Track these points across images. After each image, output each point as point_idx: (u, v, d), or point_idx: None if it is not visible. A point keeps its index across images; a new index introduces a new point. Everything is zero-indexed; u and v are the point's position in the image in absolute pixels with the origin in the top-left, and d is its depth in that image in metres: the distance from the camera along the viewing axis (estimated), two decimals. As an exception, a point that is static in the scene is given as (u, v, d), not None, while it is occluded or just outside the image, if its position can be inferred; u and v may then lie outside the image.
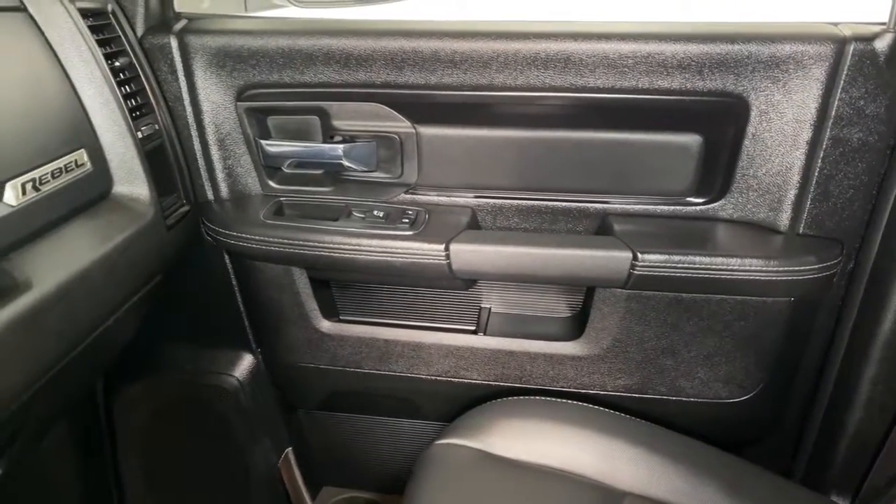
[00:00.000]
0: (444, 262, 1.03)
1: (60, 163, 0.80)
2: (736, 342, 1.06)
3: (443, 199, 1.12)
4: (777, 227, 1.02)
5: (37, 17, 0.84)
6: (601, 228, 1.08)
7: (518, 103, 1.03)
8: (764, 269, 0.97)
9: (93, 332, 0.86)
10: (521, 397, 1.11)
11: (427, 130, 1.08)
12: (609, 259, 1.00)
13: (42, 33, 0.84)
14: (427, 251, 1.03)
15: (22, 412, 0.80)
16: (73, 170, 0.82)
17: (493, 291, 1.21)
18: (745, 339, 1.05)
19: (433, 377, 1.19)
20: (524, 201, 1.10)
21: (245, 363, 1.28)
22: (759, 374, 1.08)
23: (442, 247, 1.03)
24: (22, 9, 0.83)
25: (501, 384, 1.17)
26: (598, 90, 0.97)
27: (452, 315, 1.21)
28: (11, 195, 0.71)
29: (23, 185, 0.73)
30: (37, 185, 0.75)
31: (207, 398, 1.28)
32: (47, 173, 0.77)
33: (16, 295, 0.69)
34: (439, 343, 1.16)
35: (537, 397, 1.10)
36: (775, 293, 1.00)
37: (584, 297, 1.17)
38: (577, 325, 1.16)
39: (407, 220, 1.07)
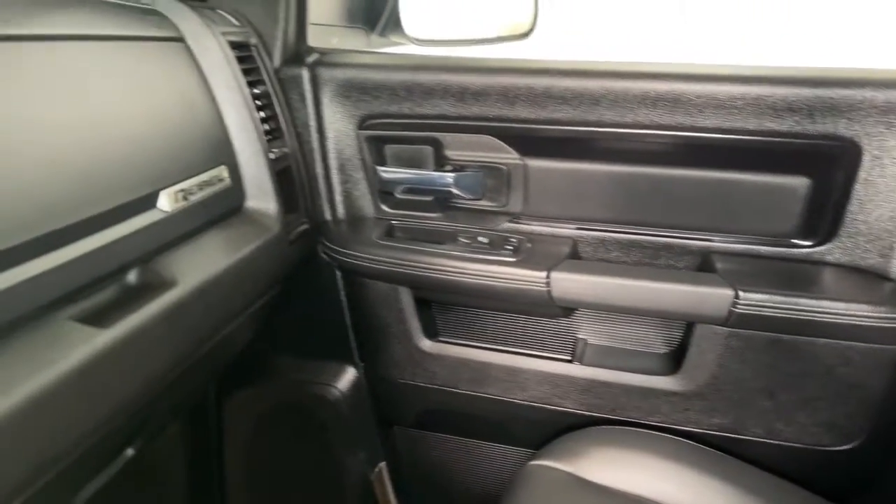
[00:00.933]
0: (545, 289, 1.06)
1: (205, 176, 0.89)
2: (839, 388, 1.04)
3: (545, 229, 1.16)
4: (887, 274, 1.00)
5: (193, 48, 0.94)
6: (703, 265, 1.09)
7: (625, 140, 1.06)
8: (872, 314, 0.95)
9: (220, 332, 0.94)
10: (615, 427, 1.12)
11: (534, 162, 1.12)
12: (710, 296, 1.01)
13: (197, 62, 0.94)
14: (528, 277, 1.07)
15: (156, 400, 0.89)
16: (214, 184, 0.91)
17: (588, 323, 1.22)
18: (849, 385, 1.03)
19: (527, 402, 1.21)
20: (626, 235, 1.12)
21: (348, 376, 1.34)
22: (864, 422, 1.05)
23: (543, 274, 1.06)
24: (181, 39, 0.94)
25: (594, 414, 1.18)
26: (707, 130, 0.99)
27: (548, 344, 1.23)
28: (166, 202, 0.80)
29: (175, 194, 0.82)
30: (186, 195, 0.84)
31: (310, 407, 1.34)
32: (194, 185, 0.86)
33: (163, 290, 0.77)
34: (535, 369, 1.19)
35: (631, 428, 1.11)
36: (883, 341, 0.98)
37: (683, 333, 1.17)
38: (673, 361, 1.16)
39: (510, 247, 1.11)
